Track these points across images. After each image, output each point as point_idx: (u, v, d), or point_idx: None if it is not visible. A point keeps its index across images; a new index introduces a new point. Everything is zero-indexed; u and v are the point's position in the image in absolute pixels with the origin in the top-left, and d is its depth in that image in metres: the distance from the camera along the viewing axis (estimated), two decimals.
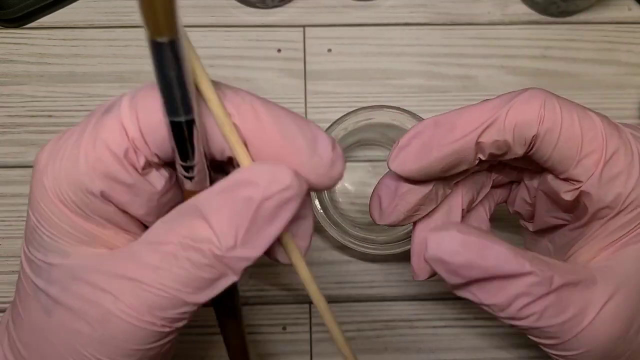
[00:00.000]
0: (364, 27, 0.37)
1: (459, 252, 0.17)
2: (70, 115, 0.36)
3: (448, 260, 0.18)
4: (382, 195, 0.22)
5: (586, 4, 0.37)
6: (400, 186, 0.21)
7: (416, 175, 0.20)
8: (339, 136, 0.31)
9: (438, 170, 0.20)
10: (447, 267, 0.18)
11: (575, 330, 0.18)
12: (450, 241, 0.18)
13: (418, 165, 0.19)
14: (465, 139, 0.19)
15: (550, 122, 0.18)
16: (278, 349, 0.35)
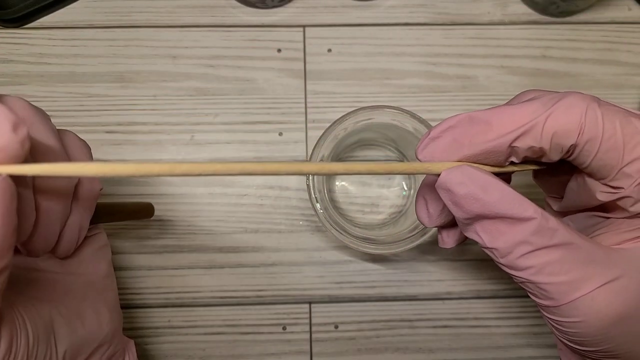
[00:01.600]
0: (364, 27, 0.37)
1: (463, 183, 0.18)
2: (70, 115, 0.36)
3: (453, 190, 0.18)
4: (428, 199, 0.22)
5: (586, 4, 0.37)
6: None
7: None
8: (339, 136, 0.31)
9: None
10: (452, 197, 0.18)
11: (572, 295, 0.18)
12: (459, 173, 0.18)
13: (446, 160, 0.19)
14: (499, 141, 0.18)
15: (591, 133, 0.18)
16: (278, 349, 0.35)
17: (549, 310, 0.19)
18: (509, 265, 0.18)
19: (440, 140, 0.19)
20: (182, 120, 0.36)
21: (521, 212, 0.18)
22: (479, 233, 0.19)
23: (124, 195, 0.35)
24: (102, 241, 0.25)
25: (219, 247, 0.35)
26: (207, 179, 0.35)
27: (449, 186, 0.18)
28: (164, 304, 0.35)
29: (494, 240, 0.18)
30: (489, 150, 0.19)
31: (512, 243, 0.18)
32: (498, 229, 0.18)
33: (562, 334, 0.19)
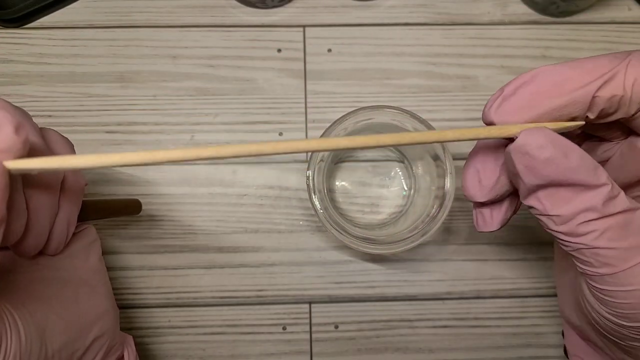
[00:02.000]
0: (364, 27, 0.37)
1: (545, 147, 0.17)
2: (71, 115, 0.36)
3: (533, 153, 0.17)
4: (481, 169, 0.20)
5: (586, 4, 0.37)
6: (499, 154, 0.20)
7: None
8: (340, 136, 0.31)
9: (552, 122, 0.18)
10: (529, 161, 0.17)
11: (631, 262, 0.17)
12: (541, 136, 0.17)
13: (527, 117, 0.18)
14: (585, 90, 0.17)
15: None
16: (278, 349, 0.35)
17: (602, 280, 0.18)
18: (568, 231, 0.18)
19: (516, 96, 0.18)
20: (182, 120, 0.36)
21: (596, 179, 0.17)
22: (541, 200, 0.18)
23: (124, 195, 0.35)
24: (92, 236, 0.25)
25: (219, 247, 0.35)
26: (207, 179, 0.35)
27: (528, 149, 0.17)
28: (164, 304, 0.35)
29: (557, 207, 0.18)
30: (572, 102, 0.18)
31: (578, 210, 0.17)
32: (565, 195, 0.17)
33: (611, 306, 0.19)
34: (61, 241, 0.22)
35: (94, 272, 0.24)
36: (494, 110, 0.18)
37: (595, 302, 0.19)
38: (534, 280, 0.35)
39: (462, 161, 0.36)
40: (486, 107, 0.19)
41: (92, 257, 0.25)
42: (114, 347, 0.25)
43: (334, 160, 0.35)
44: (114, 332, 0.25)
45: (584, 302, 0.21)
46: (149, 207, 0.35)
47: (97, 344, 0.23)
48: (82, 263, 0.24)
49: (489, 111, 0.18)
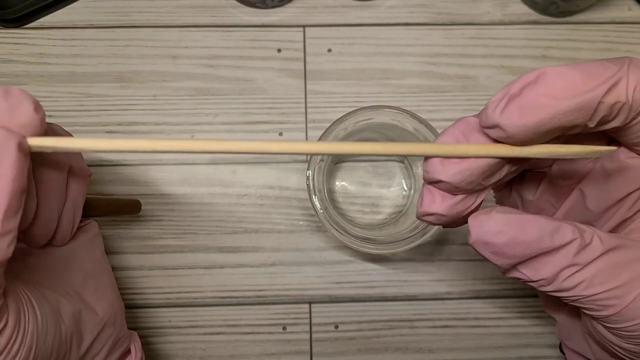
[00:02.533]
0: (364, 27, 0.37)
1: (502, 232, 0.17)
2: (70, 115, 0.36)
3: (492, 241, 0.17)
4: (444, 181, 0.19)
5: (586, 4, 0.37)
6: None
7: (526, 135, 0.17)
8: (339, 136, 0.31)
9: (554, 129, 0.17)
10: (492, 248, 0.17)
11: (629, 297, 0.17)
12: (493, 222, 0.17)
13: (536, 119, 0.17)
14: (592, 94, 0.17)
15: None
16: (278, 349, 0.35)
17: (610, 320, 0.18)
18: (557, 289, 0.18)
19: (523, 97, 0.17)
20: (182, 120, 0.36)
21: (562, 239, 0.17)
22: (521, 271, 0.18)
23: (124, 195, 0.35)
24: (94, 230, 0.25)
25: (219, 247, 0.35)
26: (207, 179, 0.35)
27: (485, 239, 0.17)
28: (164, 304, 0.35)
29: (538, 274, 0.18)
30: (580, 106, 0.17)
31: (557, 270, 0.17)
32: (541, 261, 0.18)
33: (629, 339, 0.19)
34: (68, 231, 0.23)
35: (98, 265, 0.25)
36: (499, 112, 0.17)
37: (612, 336, 0.19)
38: None
39: None
40: (490, 108, 0.17)
41: (96, 251, 0.25)
42: (120, 339, 0.25)
43: (334, 160, 0.35)
44: (121, 325, 0.25)
45: (602, 339, 0.20)
46: (149, 207, 0.35)
47: (104, 335, 0.24)
48: (86, 255, 0.24)
49: (493, 113, 0.17)
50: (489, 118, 0.17)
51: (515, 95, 0.17)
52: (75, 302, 0.22)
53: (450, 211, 0.19)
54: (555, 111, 0.17)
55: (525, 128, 0.17)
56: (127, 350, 0.26)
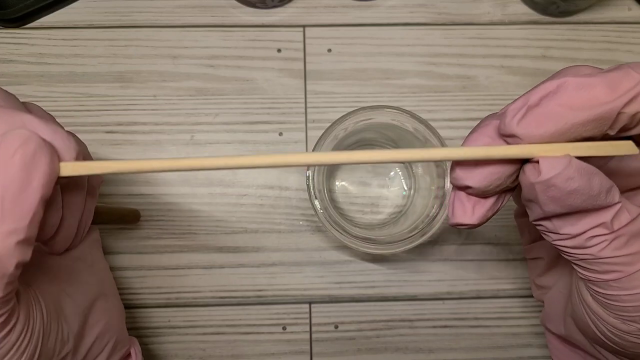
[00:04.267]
0: (364, 27, 0.37)
1: (574, 178, 0.16)
2: (70, 115, 0.36)
3: (561, 186, 0.17)
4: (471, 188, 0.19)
5: (586, 4, 0.37)
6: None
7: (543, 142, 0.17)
8: (339, 136, 0.31)
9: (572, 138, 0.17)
10: (555, 192, 0.17)
11: (636, 267, 0.18)
12: (569, 167, 0.16)
13: (554, 130, 0.17)
14: (612, 105, 0.17)
15: None
16: (278, 349, 0.35)
17: (606, 285, 0.18)
18: (576, 245, 0.18)
19: (541, 108, 0.17)
20: (182, 120, 0.36)
21: (612, 199, 0.17)
22: (553, 222, 0.18)
23: (124, 195, 0.35)
24: (96, 235, 0.26)
25: (219, 247, 0.35)
26: (207, 179, 0.35)
27: (555, 182, 0.17)
28: (164, 304, 0.35)
29: (568, 227, 0.18)
30: (599, 117, 0.17)
31: (588, 227, 0.17)
32: (577, 216, 0.17)
33: (616, 310, 0.19)
34: (79, 238, 0.23)
35: (99, 267, 0.25)
36: (517, 122, 0.17)
37: (598, 307, 0.19)
38: None
39: None
40: (508, 117, 0.17)
41: (97, 255, 0.25)
42: (120, 342, 0.25)
43: None
44: (121, 330, 0.25)
45: (584, 310, 0.21)
46: (149, 206, 0.35)
47: (105, 337, 0.24)
48: (91, 258, 0.25)
49: (511, 122, 0.17)
50: (507, 127, 0.17)
51: (534, 105, 0.17)
52: (78, 303, 0.22)
53: (481, 220, 0.19)
54: (573, 122, 0.17)
55: (541, 138, 0.17)
56: (127, 354, 0.26)
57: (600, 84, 0.17)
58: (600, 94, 0.17)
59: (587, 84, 0.17)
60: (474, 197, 0.19)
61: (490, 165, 0.18)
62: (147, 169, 0.18)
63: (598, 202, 0.17)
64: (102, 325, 0.23)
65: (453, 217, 0.19)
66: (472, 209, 0.19)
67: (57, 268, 0.23)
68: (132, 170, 0.18)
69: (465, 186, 0.19)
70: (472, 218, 0.19)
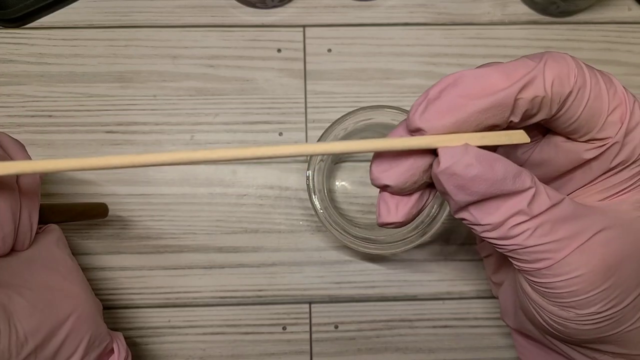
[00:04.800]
0: (364, 27, 0.37)
1: (472, 165, 0.17)
2: (70, 115, 0.36)
3: (461, 174, 0.17)
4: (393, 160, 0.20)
5: (586, 4, 0.37)
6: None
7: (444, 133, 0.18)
8: (339, 136, 0.31)
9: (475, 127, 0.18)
10: (457, 181, 0.17)
11: (564, 253, 0.18)
12: (466, 154, 0.17)
13: (454, 119, 0.18)
14: (507, 91, 0.17)
15: (581, 81, 0.18)
16: (278, 349, 0.35)
17: (540, 274, 0.19)
18: (500, 236, 0.18)
19: (442, 100, 0.18)
20: (182, 120, 0.36)
21: (521, 184, 0.17)
22: (472, 212, 0.18)
23: (124, 195, 0.35)
24: (56, 232, 0.25)
25: (219, 247, 0.35)
26: (207, 179, 0.35)
27: (455, 170, 0.17)
28: (164, 304, 0.35)
29: (487, 217, 0.18)
30: (496, 104, 0.18)
31: (507, 216, 0.18)
32: (493, 205, 0.18)
33: (553, 298, 0.19)
34: (27, 236, 0.23)
35: (61, 265, 0.25)
36: (418, 116, 0.18)
37: (538, 297, 0.20)
38: None
39: None
40: (410, 113, 0.18)
41: (59, 252, 0.25)
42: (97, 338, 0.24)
43: (334, 160, 0.35)
44: (96, 324, 0.25)
45: (527, 301, 0.21)
46: (149, 206, 0.35)
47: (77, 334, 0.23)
48: (51, 256, 0.24)
49: (413, 116, 0.18)
50: (410, 121, 0.18)
51: (434, 98, 0.18)
52: (36, 300, 0.22)
53: (406, 217, 0.20)
54: (471, 110, 0.18)
55: (444, 128, 0.18)
56: (109, 350, 0.26)
57: (496, 72, 0.18)
58: (497, 81, 0.18)
59: (484, 74, 0.18)
60: (397, 196, 0.20)
61: (403, 163, 0.19)
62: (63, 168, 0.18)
63: (506, 188, 0.17)
64: (72, 323, 0.23)
65: (379, 217, 0.20)
66: (395, 208, 0.20)
67: (8, 269, 0.22)
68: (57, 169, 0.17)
69: (384, 185, 0.19)
70: (396, 216, 0.20)
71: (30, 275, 0.23)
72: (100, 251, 0.35)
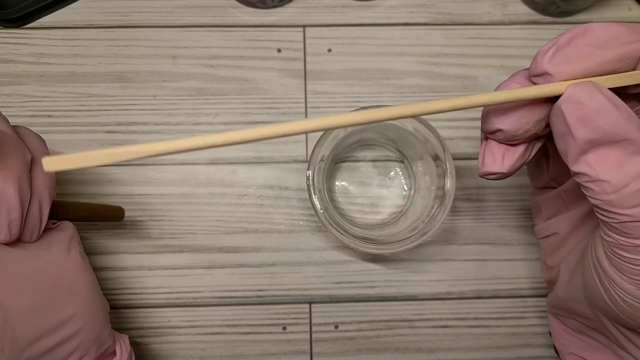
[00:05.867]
0: (364, 27, 0.37)
1: (596, 96, 0.17)
2: (71, 115, 0.36)
3: (586, 102, 0.17)
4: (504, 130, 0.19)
5: (586, 4, 0.37)
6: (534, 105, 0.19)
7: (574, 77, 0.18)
8: (339, 136, 0.31)
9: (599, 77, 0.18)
10: (582, 111, 0.17)
11: None
12: (591, 86, 0.17)
13: (583, 67, 0.18)
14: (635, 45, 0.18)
15: None
16: (278, 349, 0.35)
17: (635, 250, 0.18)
18: (618, 200, 0.17)
19: (570, 47, 0.18)
20: (182, 120, 0.36)
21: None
22: (591, 163, 0.18)
23: (124, 195, 0.35)
24: (70, 230, 0.25)
25: (219, 247, 0.35)
26: (207, 179, 0.35)
27: (580, 98, 0.17)
28: (164, 304, 0.35)
29: (609, 171, 0.17)
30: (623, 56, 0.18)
31: (632, 174, 0.17)
32: (616, 158, 0.17)
33: (634, 275, 0.18)
34: (35, 227, 0.22)
35: (73, 264, 0.24)
36: (547, 60, 0.18)
37: (614, 272, 0.19)
38: (534, 280, 0.35)
39: (462, 161, 0.36)
40: (539, 57, 0.18)
41: (73, 251, 0.25)
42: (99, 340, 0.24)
43: (334, 160, 0.35)
44: (101, 324, 0.25)
45: (598, 275, 0.20)
46: (149, 206, 0.35)
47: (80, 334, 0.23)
48: (61, 255, 0.24)
49: (542, 60, 0.18)
50: (537, 66, 0.18)
51: (564, 45, 0.18)
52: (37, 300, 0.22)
53: (511, 168, 0.20)
54: (600, 59, 0.18)
55: (571, 75, 0.18)
56: (111, 352, 0.25)
57: (623, 27, 0.18)
58: (625, 35, 0.18)
59: (612, 27, 0.18)
60: (503, 145, 0.20)
61: (520, 109, 0.19)
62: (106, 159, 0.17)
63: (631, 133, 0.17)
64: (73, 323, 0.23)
65: (483, 166, 0.20)
66: (502, 158, 0.20)
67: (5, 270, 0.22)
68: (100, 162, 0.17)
69: (496, 130, 0.19)
70: (502, 166, 0.20)
71: (36, 270, 0.23)
72: (101, 251, 0.35)
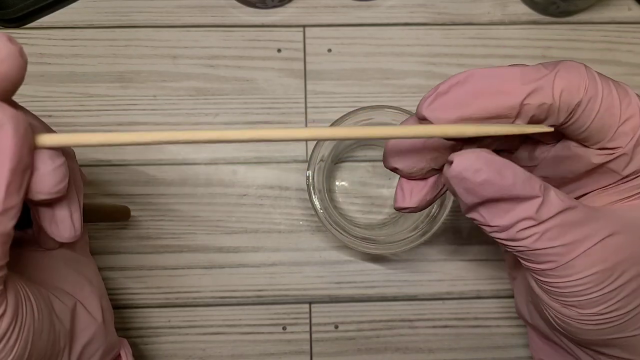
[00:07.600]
0: (364, 27, 0.37)
1: (481, 170, 0.17)
2: (71, 115, 0.36)
3: (470, 178, 0.18)
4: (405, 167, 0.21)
5: (586, 4, 0.37)
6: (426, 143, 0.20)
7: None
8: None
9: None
10: (467, 185, 0.18)
11: (570, 256, 0.18)
12: (475, 159, 0.18)
13: (458, 114, 0.19)
14: (514, 95, 0.18)
15: (592, 91, 0.18)
16: (278, 349, 0.35)
17: (544, 274, 0.19)
18: (509, 238, 0.19)
19: (450, 95, 0.19)
20: (182, 120, 0.36)
21: (530, 190, 0.18)
22: (481, 213, 0.19)
23: (124, 195, 0.35)
24: (86, 234, 0.25)
25: (219, 247, 0.35)
26: (207, 179, 0.35)
27: (464, 175, 0.18)
28: (164, 304, 0.35)
29: (497, 219, 0.18)
30: (502, 106, 0.18)
31: (515, 220, 0.18)
32: (503, 208, 0.18)
33: (557, 296, 0.19)
34: (74, 230, 0.22)
35: (89, 268, 0.25)
36: (426, 107, 0.19)
37: (543, 294, 0.20)
38: None
39: None
40: (420, 102, 0.19)
41: (85, 256, 0.25)
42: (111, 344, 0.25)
43: (334, 160, 0.35)
44: (112, 330, 0.25)
45: (534, 299, 0.21)
46: (149, 206, 0.35)
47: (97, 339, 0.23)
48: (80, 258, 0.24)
49: (421, 107, 0.19)
50: (418, 111, 0.19)
51: (443, 93, 0.19)
52: (70, 303, 0.22)
53: (420, 203, 0.21)
54: (476, 109, 0.18)
55: (448, 122, 0.19)
56: (117, 356, 0.26)
57: (507, 75, 0.19)
58: (506, 84, 0.18)
59: (493, 74, 0.19)
60: (413, 181, 0.21)
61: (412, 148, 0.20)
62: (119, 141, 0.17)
63: (515, 192, 0.18)
64: (95, 327, 0.23)
65: (395, 202, 0.22)
66: (410, 193, 0.21)
67: (44, 268, 0.22)
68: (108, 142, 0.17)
69: (394, 168, 0.21)
70: (410, 201, 0.21)
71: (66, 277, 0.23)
72: (101, 251, 0.35)
